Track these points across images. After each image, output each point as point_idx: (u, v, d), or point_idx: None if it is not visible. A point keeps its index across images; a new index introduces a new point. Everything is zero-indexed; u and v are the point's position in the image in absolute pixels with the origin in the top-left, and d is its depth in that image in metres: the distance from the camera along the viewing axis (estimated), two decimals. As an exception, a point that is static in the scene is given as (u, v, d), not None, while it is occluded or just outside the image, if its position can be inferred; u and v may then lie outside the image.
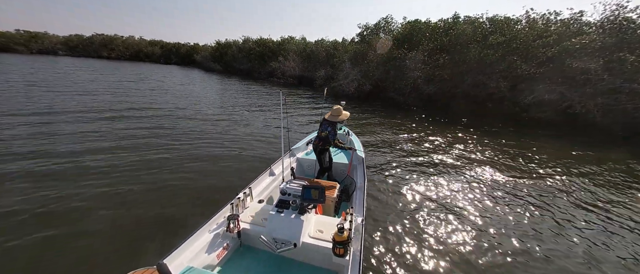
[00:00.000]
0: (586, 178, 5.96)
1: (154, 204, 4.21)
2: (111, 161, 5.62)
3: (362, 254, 2.35)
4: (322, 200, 2.55)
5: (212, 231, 2.66)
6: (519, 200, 4.89)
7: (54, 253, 3.17)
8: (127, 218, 3.84)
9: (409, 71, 15.50)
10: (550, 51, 11.35)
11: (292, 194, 2.70)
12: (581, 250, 3.59)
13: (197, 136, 7.71)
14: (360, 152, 4.49)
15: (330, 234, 2.47)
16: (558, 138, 9.25)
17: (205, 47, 47.07)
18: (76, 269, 2.98)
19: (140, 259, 3.07)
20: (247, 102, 14.09)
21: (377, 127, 10.09)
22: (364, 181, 3.69)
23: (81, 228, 3.61)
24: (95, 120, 8.61)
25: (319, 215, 2.99)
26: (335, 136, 3.89)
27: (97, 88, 15.13)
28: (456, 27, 15.69)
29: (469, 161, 6.75)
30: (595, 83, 10.36)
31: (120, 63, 41.02)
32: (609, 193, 5.27)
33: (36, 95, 11.95)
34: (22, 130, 7.17)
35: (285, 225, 2.52)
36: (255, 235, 2.62)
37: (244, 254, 2.78)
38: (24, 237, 3.39)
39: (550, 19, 13.76)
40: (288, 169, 4.12)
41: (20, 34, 52.92)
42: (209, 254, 2.50)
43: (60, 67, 27.44)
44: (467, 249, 3.52)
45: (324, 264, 2.65)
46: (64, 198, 4.25)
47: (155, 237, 3.48)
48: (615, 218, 4.38)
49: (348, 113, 3.92)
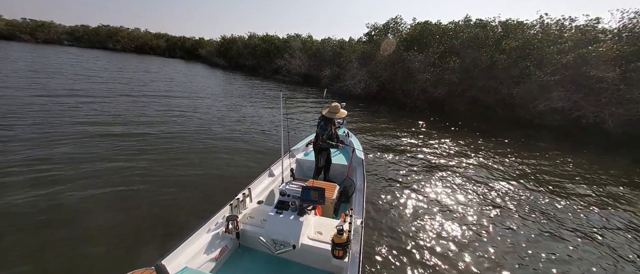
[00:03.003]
0: (601, 188, 5.76)
1: (152, 204, 4.15)
2: (110, 161, 5.50)
3: (361, 256, 2.33)
4: (322, 202, 2.54)
5: (211, 232, 2.63)
6: (521, 206, 4.78)
7: (50, 252, 3.12)
8: (125, 218, 3.79)
9: (417, 73, 15.26)
10: (565, 58, 11.07)
11: (292, 195, 2.68)
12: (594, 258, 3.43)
13: (197, 136, 7.58)
14: (359, 153, 4.47)
15: (329, 236, 2.46)
16: (567, 147, 9.02)
17: (210, 42, 46.92)
18: (73, 269, 2.93)
19: (138, 260, 3.03)
20: (249, 101, 13.93)
21: (381, 129, 9.93)
22: (364, 182, 3.66)
23: (79, 228, 3.55)
24: (97, 123, 8.44)
25: (318, 216, 2.96)
26: (326, 131, 3.86)
27: (99, 89, 15.00)
28: (468, 30, 15.41)
29: (473, 167, 6.60)
30: (611, 93, 10.10)
31: (126, 56, 40.94)
32: (623, 204, 5.06)
33: (37, 82, 11.86)
34: (22, 122, 7.04)
35: (284, 226, 2.50)
36: (254, 236, 2.61)
37: (242, 256, 2.76)
38: (21, 235, 3.32)
39: (564, 25, 13.46)
40: (287, 170, 4.07)
41: (26, 22, 52.94)
42: (208, 255, 2.48)
43: (66, 58, 27.35)
44: (467, 253, 3.48)
45: (323, 266, 2.62)
46: (61, 198, 4.15)
47: (153, 238, 3.43)
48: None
49: (345, 111, 3.92)
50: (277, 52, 29.41)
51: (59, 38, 52.93)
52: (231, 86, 19.11)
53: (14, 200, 3.96)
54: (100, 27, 56.38)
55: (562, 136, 10.48)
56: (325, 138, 3.91)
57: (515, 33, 13.87)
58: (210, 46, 43.69)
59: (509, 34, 14.06)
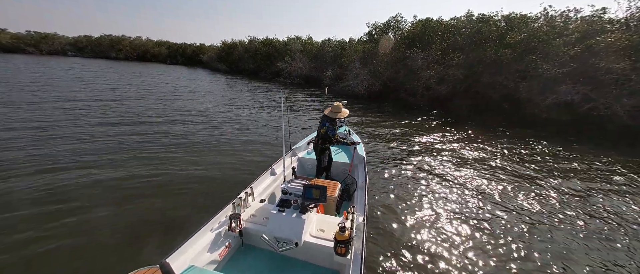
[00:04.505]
0: (615, 185, 5.53)
1: (156, 203, 4.16)
2: (114, 160, 5.55)
3: (363, 253, 2.35)
4: (324, 199, 2.56)
5: (214, 231, 2.65)
6: (527, 205, 4.62)
7: (55, 251, 3.11)
8: (129, 217, 3.80)
9: (420, 71, 15.07)
10: (572, 50, 10.81)
11: (294, 193, 2.71)
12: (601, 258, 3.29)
13: (199, 136, 7.58)
14: (361, 150, 4.50)
15: (331, 233, 2.48)
16: (578, 141, 8.77)
17: (211, 48, 47.11)
18: (78, 268, 2.94)
19: (143, 258, 3.03)
20: (250, 102, 13.89)
21: (384, 127, 9.80)
22: (366, 180, 3.69)
23: (83, 226, 3.55)
24: (100, 123, 8.43)
25: (321, 214, 2.98)
26: (334, 132, 3.85)
27: (103, 93, 15.08)
28: (470, 25, 15.20)
29: (478, 164, 6.43)
30: (622, 84, 9.82)
31: (129, 64, 41.30)
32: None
33: (41, 91, 11.90)
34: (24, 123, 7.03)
35: (286, 224, 2.52)
36: (256, 234, 2.64)
37: (245, 254, 2.79)
38: (25, 234, 3.33)
39: (569, 17, 13.19)
40: (289, 168, 4.10)
41: (30, 35, 53.70)
42: (211, 254, 2.50)
43: (72, 68, 27.62)
44: (471, 252, 3.42)
45: (326, 263, 2.65)
46: (65, 196, 4.18)
47: (157, 236, 3.44)
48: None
49: (347, 111, 3.94)
50: (277, 55, 29.40)
51: (62, 49, 53.55)
52: (233, 89, 19.12)
53: (16, 195, 4.04)
54: (103, 37, 56.93)
55: (571, 130, 10.21)
56: (338, 138, 3.95)
57: (519, 26, 13.63)
58: (211, 51, 43.84)
59: (513, 27, 13.83)
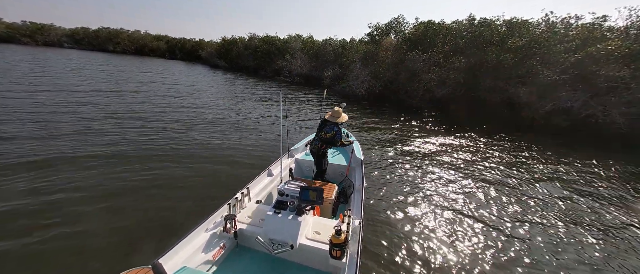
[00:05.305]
0: (613, 191, 5.58)
1: (150, 202, 4.12)
2: (108, 158, 5.47)
3: (359, 257, 2.33)
4: (320, 202, 2.53)
5: (209, 231, 2.62)
6: (525, 209, 4.67)
7: (47, 250, 3.08)
8: (122, 216, 3.75)
9: (421, 73, 15.09)
10: (573, 57, 10.89)
11: (290, 195, 2.68)
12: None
13: (196, 134, 7.49)
14: (358, 153, 4.47)
15: (327, 236, 2.46)
16: (576, 147, 8.84)
17: (211, 43, 46.77)
18: (70, 267, 2.91)
19: (135, 258, 2.99)
20: (250, 101, 13.79)
21: (383, 130, 9.79)
22: (363, 183, 3.64)
23: (75, 226, 3.51)
24: (98, 119, 8.31)
25: (317, 216, 2.95)
26: (341, 136, 3.82)
27: (103, 90, 14.86)
28: (472, 29, 15.25)
29: (476, 168, 6.46)
30: (620, 92, 9.92)
31: (127, 58, 40.81)
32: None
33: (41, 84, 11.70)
34: (23, 121, 6.89)
35: (282, 226, 2.50)
36: (252, 236, 2.61)
37: (240, 255, 2.75)
38: (18, 233, 3.28)
39: (570, 23, 13.30)
40: (286, 170, 4.06)
41: (26, 25, 52.81)
42: (205, 254, 2.47)
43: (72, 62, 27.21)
44: (467, 258, 3.42)
45: (321, 266, 2.62)
46: (59, 195, 4.11)
47: (150, 236, 3.39)
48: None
49: (346, 116, 3.91)
50: (278, 52, 29.27)
51: (59, 40, 52.77)
52: (232, 87, 18.97)
53: (10, 194, 3.97)
54: (101, 29, 56.19)
55: (570, 136, 10.29)
56: (342, 142, 3.90)
57: (520, 32, 13.71)
58: (211, 47, 43.52)
59: (514, 32, 13.90)
